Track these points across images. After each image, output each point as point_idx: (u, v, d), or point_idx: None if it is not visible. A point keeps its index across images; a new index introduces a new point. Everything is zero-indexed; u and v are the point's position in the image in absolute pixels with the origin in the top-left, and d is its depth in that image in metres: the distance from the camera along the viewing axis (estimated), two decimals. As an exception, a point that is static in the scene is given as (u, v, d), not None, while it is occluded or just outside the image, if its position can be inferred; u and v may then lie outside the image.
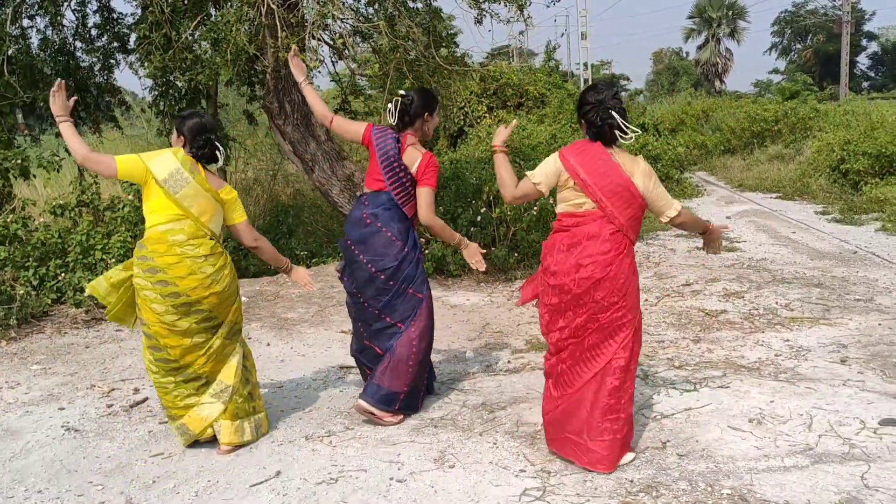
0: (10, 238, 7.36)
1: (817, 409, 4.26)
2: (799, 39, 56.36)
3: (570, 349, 3.71)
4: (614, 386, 3.64)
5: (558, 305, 3.70)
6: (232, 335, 4.10)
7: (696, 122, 24.20)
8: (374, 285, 4.33)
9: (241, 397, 4.09)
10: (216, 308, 3.95)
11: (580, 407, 3.68)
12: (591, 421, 3.64)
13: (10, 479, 3.83)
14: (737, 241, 9.96)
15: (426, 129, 4.45)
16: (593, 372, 3.66)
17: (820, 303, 6.64)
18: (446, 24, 11.03)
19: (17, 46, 8.42)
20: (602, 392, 3.64)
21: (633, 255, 3.71)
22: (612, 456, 3.65)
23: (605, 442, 3.63)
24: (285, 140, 8.54)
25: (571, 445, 3.71)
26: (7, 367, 5.71)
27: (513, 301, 7.24)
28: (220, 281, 3.93)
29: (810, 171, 15.13)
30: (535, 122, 16.67)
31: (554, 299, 3.71)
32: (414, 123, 4.41)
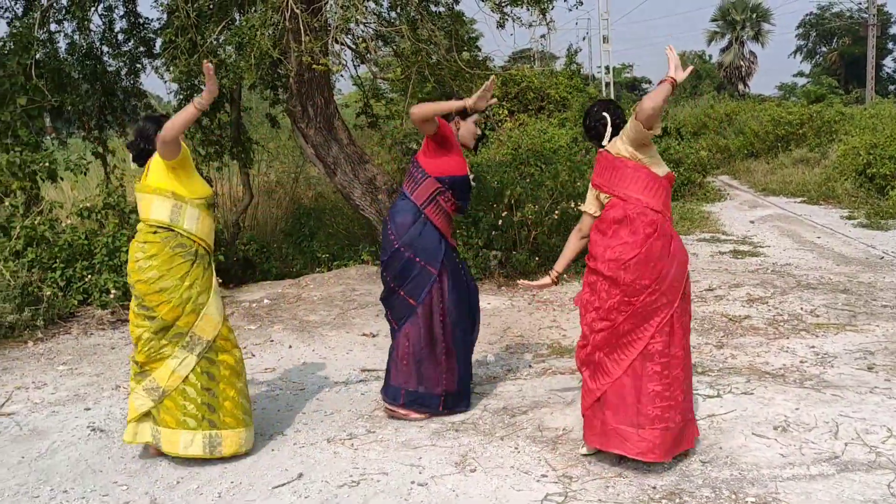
0: (37, 240, 7.46)
1: (843, 417, 4.22)
2: (824, 42, 55.75)
3: (604, 335, 3.71)
4: (656, 371, 3.62)
5: (594, 284, 3.80)
6: (173, 336, 3.91)
7: (719, 126, 24.02)
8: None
9: (192, 405, 3.91)
10: (146, 297, 3.89)
11: (624, 396, 3.66)
12: (641, 409, 3.61)
13: (35, 479, 3.88)
14: (760, 246, 9.88)
15: (461, 133, 4.43)
16: (630, 359, 3.66)
17: (846, 309, 6.57)
18: (468, 27, 11.05)
19: (44, 50, 8.52)
20: (645, 379, 3.63)
21: (668, 238, 3.70)
22: (665, 445, 3.62)
23: (656, 430, 3.60)
24: (308, 143, 8.59)
25: (618, 437, 3.66)
26: (34, 368, 5.78)
27: (534, 305, 7.22)
28: (146, 270, 3.88)
29: (836, 175, 14.98)
30: (556, 125, 16.65)
31: (591, 277, 3.84)
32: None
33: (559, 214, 8.22)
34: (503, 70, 12.80)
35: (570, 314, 6.84)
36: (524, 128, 15.32)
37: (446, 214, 4.41)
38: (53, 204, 8.13)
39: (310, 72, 7.85)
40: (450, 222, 4.47)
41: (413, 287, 4.35)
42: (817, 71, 52.35)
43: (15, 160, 7.86)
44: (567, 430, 4.24)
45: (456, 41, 8.16)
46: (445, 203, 4.36)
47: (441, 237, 4.39)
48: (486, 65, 9.26)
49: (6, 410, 4.89)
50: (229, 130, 9.78)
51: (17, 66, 8.00)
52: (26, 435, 4.48)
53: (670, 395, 3.64)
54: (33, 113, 8.30)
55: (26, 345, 6.38)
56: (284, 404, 4.87)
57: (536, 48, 42.16)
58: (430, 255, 4.33)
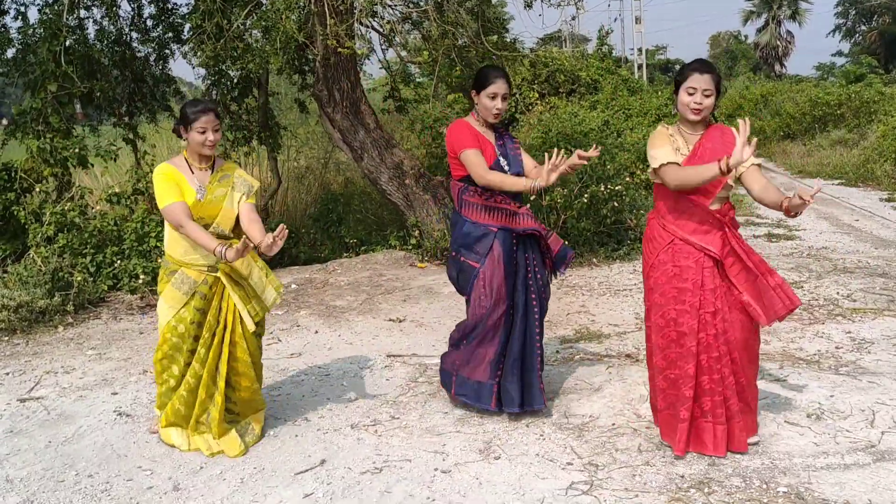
0: (68, 226, 7.53)
1: (880, 405, 4.09)
2: (864, 21, 54.42)
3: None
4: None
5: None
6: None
7: (755, 107, 23.57)
8: None
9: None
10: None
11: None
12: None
13: (61, 464, 3.90)
14: (796, 230, 9.66)
15: (479, 107, 4.19)
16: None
17: (884, 293, 6.39)
18: (496, 9, 10.92)
19: (74, 37, 8.56)
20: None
21: (656, 221, 3.74)
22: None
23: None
24: (335, 128, 8.55)
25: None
26: (63, 353, 5.84)
27: (563, 290, 7.13)
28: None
29: (875, 156, 14.63)
30: (587, 108, 16.44)
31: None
32: (473, 104, 4.25)
33: (588, 198, 8.10)
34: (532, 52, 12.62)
35: (599, 299, 6.74)
36: (555, 111, 15.14)
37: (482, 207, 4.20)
38: (84, 190, 8.19)
39: (336, 55, 7.80)
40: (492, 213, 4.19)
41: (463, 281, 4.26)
42: (856, 50, 51.16)
43: (46, 146, 7.92)
44: (594, 418, 4.16)
45: (483, 23, 8.05)
46: (472, 197, 4.22)
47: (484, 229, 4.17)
48: (515, 47, 9.13)
49: (35, 395, 4.93)
50: (257, 115, 9.78)
51: (48, 52, 8.05)
52: (54, 419, 4.51)
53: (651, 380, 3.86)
54: (63, 100, 8.35)
55: (56, 330, 6.44)
56: (309, 390, 4.85)
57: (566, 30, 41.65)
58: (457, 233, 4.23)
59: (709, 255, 3.57)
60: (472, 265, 4.14)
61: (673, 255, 3.64)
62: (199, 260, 3.88)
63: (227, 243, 3.72)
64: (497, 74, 4.12)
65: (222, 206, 3.89)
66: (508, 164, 4.17)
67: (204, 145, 3.85)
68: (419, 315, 6.50)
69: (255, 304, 3.94)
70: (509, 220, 4.14)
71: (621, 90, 18.56)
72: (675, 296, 3.61)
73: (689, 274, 3.59)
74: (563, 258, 4.29)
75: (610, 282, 7.31)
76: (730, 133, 3.62)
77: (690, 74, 3.58)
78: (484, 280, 4.11)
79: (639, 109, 17.13)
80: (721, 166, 3.30)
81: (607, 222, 8.45)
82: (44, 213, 7.56)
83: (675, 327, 3.61)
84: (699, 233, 3.60)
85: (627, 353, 5.22)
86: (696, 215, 3.60)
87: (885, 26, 49.98)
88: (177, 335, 3.92)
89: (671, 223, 3.66)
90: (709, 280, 3.58)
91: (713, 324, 3.56)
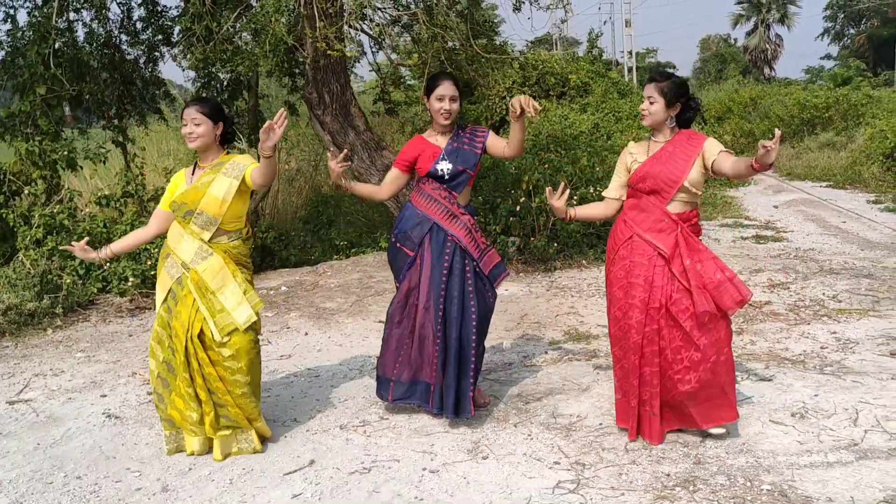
0: (57, 228, 7.52)
1: (864, 404, 4.13)
2: (852, 24, 54.78)
3: None
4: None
5: None
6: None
7: (744, 110, 23.65)
8: None
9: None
10: None
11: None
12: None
13: (50, 465, 3.91)
14: (783, 231, 9.73)
15: (431, 112, 4.28)
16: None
17: (869, 294, 6.45)
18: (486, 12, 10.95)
19: (63, 39, 8.56)
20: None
21: (620, 217, 3.97)
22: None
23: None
24: (324, 130, 8.57)
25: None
26: (52, 355, 5.83)
27: (552, 291, 7.16)
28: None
29: (862, 158, 14.73)
30: (577, 110, 16.50)
31: None
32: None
33: (578, 200, 8.14)
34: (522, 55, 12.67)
35: (588, 300, 6.78)
36: (545, 113, 15.19)
37: (425, 195, 4.27)
38: (73, 192, 8.18)
39: (325, 58, 7.82)
40: (432, 203, 4.25)
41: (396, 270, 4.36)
42: (845, 54, 51.48)
43: (35, 149, 7.92)
44: (581, 417, 4.19)
45: (473, 26, 8.08)
46: (421, 183, 4.27)
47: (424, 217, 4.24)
48: (504, 50, 9.17)
49: (24, 397, 4.93)
50: (247, 118, 9.79)
51: (36, 55, 8.05)
52: (42, 422, 4.51)
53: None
54: (52, 102, 8.34)
55: (45, 332, 6.44)
56: (298, 391, 4.86)
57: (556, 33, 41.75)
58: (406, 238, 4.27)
59: (660, 253, 3.75)
60: (407, 253, 4.23)
61: (631, 251, 3.82)
62: (180, 252, 3.87)
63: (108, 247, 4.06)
64: (443, 77, 4.26)
65: (206, 191, 3.81)
66: (451, 162, 4.20)
67: (185, 137, 3.87)
68: (409, 317, 6.51)
69: (221, 318, 3.81)
70: (446, 220, 4.20)
71: (611, 93, 18.59)
72: (626, 290, 3.81)
73: (640, 270, 3.77)
74: (494, 277, 4.31)
75: (599, 283, 7.35)
76: (697, 137, 3.83)
77: (644, 88, 3.94)
78: (412, 271, 4.21)
79: (629, 112, 17.17)
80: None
81: (596, 224, 8.48)
82: (33, 216, 7.55)
83: (625, 320, 3.80)
84: (654, 231, 3.79)
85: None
86: (654, 214, 3.80)
87: (873, 30, 50.32)
88: (161, 324, 3.91)
89: (631, 219, 3.87)
90: (658, 277, 3.74)
91: (656, 319, 3.72)
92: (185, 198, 3.85)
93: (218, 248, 3.87)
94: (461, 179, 4.23)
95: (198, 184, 3.85)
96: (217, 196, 3.81)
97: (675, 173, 3.75)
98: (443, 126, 4.25)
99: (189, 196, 3.84)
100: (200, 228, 3.84)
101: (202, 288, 3.81)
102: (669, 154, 3.79)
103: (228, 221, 3.88)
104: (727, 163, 3.69)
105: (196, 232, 3.85)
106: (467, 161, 4.22)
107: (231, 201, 3.83)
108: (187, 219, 3.85)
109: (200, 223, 3.84)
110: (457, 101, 4.21)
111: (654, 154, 3.83)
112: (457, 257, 4.17)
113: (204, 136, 3.85)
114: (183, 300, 3.83)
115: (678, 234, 3.75)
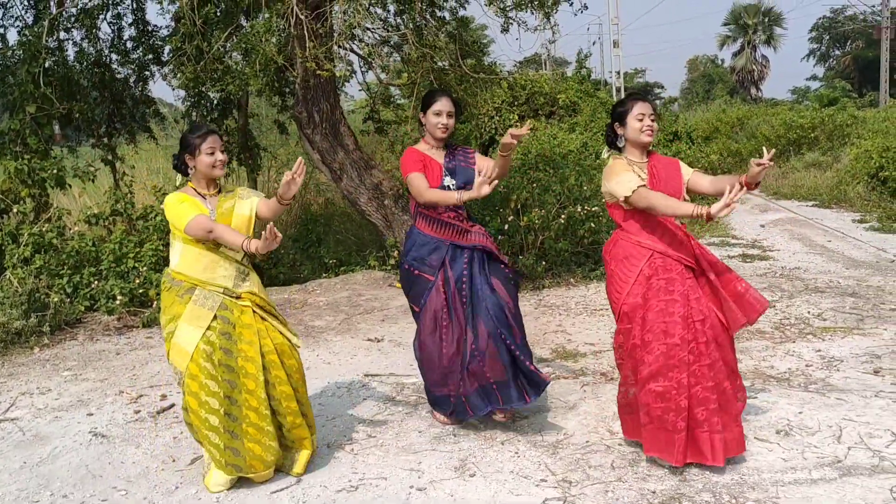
0: (45, 247, 7.52)
1: (847, 421, 4.17)
2: (838, 46, 55.42)
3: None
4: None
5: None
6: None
7: (731, 130, 23.86)
8: None
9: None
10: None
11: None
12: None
13: (36, 484, 3.89)
14: (770, 250, 9.80)
15: (427, 127, 4.36)
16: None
17: (854, 312, 6.51)
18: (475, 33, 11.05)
19: (53, 59, 8.60)
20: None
21: (627, 241, 3.83)
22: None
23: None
24: (314, 149, 8.61)
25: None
26: (39, 374, 5.81)
27: (540, 309, 7.19)
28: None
29: (848, 178, 14.86)
30: (566, 130, 16.61)
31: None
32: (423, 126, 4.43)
33: (566, 219, 8.19)
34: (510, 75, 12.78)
35: (576, 318, 6.81)
36: (534, 133, 15.30)
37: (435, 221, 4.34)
38: (62, 211, 8.18)
39: (315, 78, 7.88)
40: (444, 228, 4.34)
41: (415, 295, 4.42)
42: (830, 74, 52.06)
43: (24, 167, 7.94)
44: (568, 435, 4.21)
45: (461, 46, 8.16)
46: (426, 210, 4.34)
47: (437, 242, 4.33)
48: (492, 70, 9.26)
49: (10, 416, 4.91)
50: (237, 137, 9.82)
51: (27, 74, 8.08)
52: (29, 440, 4.49)
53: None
54: (42, 121, 8.37)
55: (32, 351, 6.41)
56: (286, 409, 4.86)
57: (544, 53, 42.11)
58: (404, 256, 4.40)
59: (687, 264, 3.72)
60: (427, 278, 4.30)
61: (656, 269, 3.72)
62: (218, 280, 3.75)
63: (250, 237, 3.67)
64: (441, 93, 4.37)
65: (233, 213, 3.81)
66: (455, 178, 4.29)
67: (214, 166, 3.76)
68: (397, 335, 6.53)
69: (291, 327, 3.92)
70: (460, 237, 4.29)
71: (600, 112, 18.72)
72: (663, 308, 3.66)
73: (675, 286, 3.69)
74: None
75: (587, 301, 7.38)
76: (666, 157, 3.91)
77: (635, 104, 3.84)
78: (435, 293, 4.28)
79: (617, 132, 17.30)
80: (701, 213, 3.44)
81: (584, 242, 8.53)
82: (21, 234, 7.55)
83: (664, 339, 3.62)
84: (675, 245, 3.75)
85: (603, 372, 5.28)
86: (669, 230, 3.77)
87: (858, 51, 50.94)
88: (208, 360, 3.63)
89: (646, 238, 3.77)
90: (692, 290, 3.70)
91: (703, 331, 3.65)
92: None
93: (248, 266, 3.90)
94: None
95: (222, 210, 3.80)
96: (244, 214, 3.82)
97: (677, 188, 3.78)
98: (438, 141, 4.35)
99: (220, 222, 3.77)
100: (234, 251, 3.79)
101: (263, 304, 3.84)
102: (665, 171, 3.82)
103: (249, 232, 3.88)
104: (705, 181, 3.75)
105: (231, 255, 3.79)
106: (469, 178, 4.31)
107: (254, 219, 3.86)
108: (219, 244, 3.76)
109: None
110: (453, 117, 4.34)
111: (652, 172, 3.81)
112: (475, 263, 4.29)
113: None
114: (239, 322, 3.73)
115: (693, 243, 3.77)
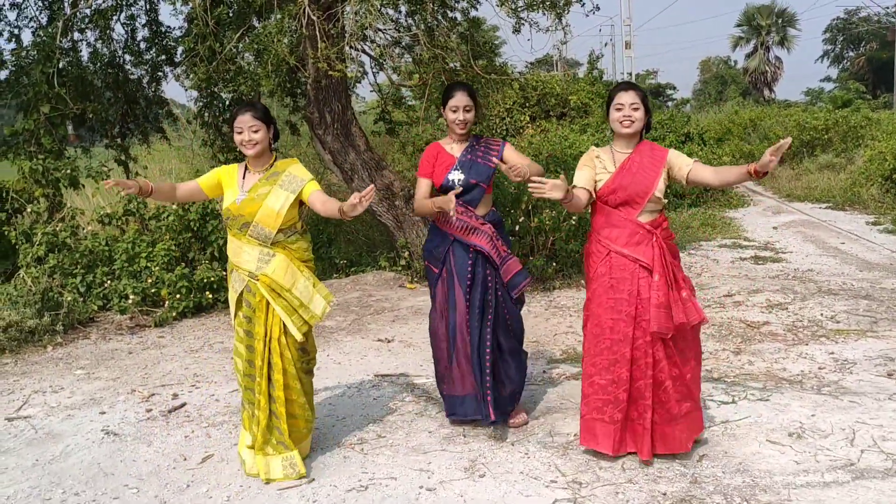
0: (59, 246, 7.56)
1: (861, 424, 4.14)
2: (852, 47, 55.08)
3: None
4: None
5: None
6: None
7: (743, 132, 23.75)
8: None
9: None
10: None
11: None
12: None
13: (48, 482, 3.92)
14: (782, 252, 9.75)
15: (448, 122, 4.37)
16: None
17: (867, 315, 6.46)
18: (486, 34, 11.05)
19: (67, 59, 8.65)
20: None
21: (593, 236, 3.94)
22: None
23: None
24: (325, 150, 8.62)
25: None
26: (52, 372, 5.85)
27: (550, 311, 7.18)
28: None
29: (862, 180, 14.75)
30: (577, 131, 16.59)
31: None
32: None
33: (576, 220, 8.17)
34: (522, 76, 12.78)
35: (587, 320, 6.79)
36: (545, 134, 15.27)
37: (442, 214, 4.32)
38: (75, 210, 8.23)
39: (327, 78, 7.89)
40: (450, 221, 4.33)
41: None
42: (844, 76, 51.71)
43: (38, 167, 7.99)
44: (578, 436, 4.19)
45: (473, 47, 8.15)
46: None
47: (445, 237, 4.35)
48: (504, 70, 9.24)
49: (23, 413, 4.94)
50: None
51: (41, 74, 8.13)
52: (41, 438, 4.52)
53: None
54: (56, 121, 8.42)
55: (46, 349, 6.46)
56: (297, 409, 4.87)
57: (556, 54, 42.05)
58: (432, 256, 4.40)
59: (641, 265, 3.74)
60: (433, 270, 4.36)
61: (610, 268, 3.81)
62: (243, 264, 3.84)
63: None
64: (458, 88, 4.35)
65: (262, 203, 3.80)
66: (464, 173, 4.28)
67: (242, 145, 3.84)
68: (408, 335, 6.53)
69: (301, 313, 3.83)
70: (465, 234, 4.28)
71: (612, 114, 18.73)
72: (611, 306, 3.78)
73: (624, 285, 3.77)
74: (515, 284, 4.36)
75: (598, 303, 7.36)
76: (658, 148, 3.86)
77: (616, 94, 3.86)
78: (440, 286, 4.32)
79: (628, 133, 17.28)
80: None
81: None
82: (35, 234, 7.59)
83: (609, 335, 3.77)
84: (631, 244, 3.78)
85: (613, 374, 5.26)
86: (627, 228, 3.79)
87: (872, 52, 50.59)
88: (238, 336, 3.96)
89: (605, 237, 3.84)
90: (644, 289, 3.74)
91: (648, 331, 3.72)
92: (241, 209, 3.83)
93: (277, 248, 3.86)
94: (475, 193, 4.31)
95: (254, 195, 3.82)
96: (273, 208, 3.81)
97: (646, 184, 3.76)
98: (459, 135, 4.35)
99: (245, 208, 3.82)
100: (258, 239, 3.83)
101: (277, 288, 3.80)
102: (638, 165, 3.79)
103: (280, 228, 3.86)
104: (706, 171, 3.76)
105: (254, 241, 3.84)
106: (480, 175, 4.30)
107: (285, 213, 3.84)
108: (244, 230, 3.83)
109: (257, 235, 3.82)
110: (471, 111, 4.30)
111: (623, 165, 3.80)
112: (479, 267, 4.28)
113: (262, 141, 3.85)
114: (258, 306, 3.84)
115: (654, 243, 3.75)
